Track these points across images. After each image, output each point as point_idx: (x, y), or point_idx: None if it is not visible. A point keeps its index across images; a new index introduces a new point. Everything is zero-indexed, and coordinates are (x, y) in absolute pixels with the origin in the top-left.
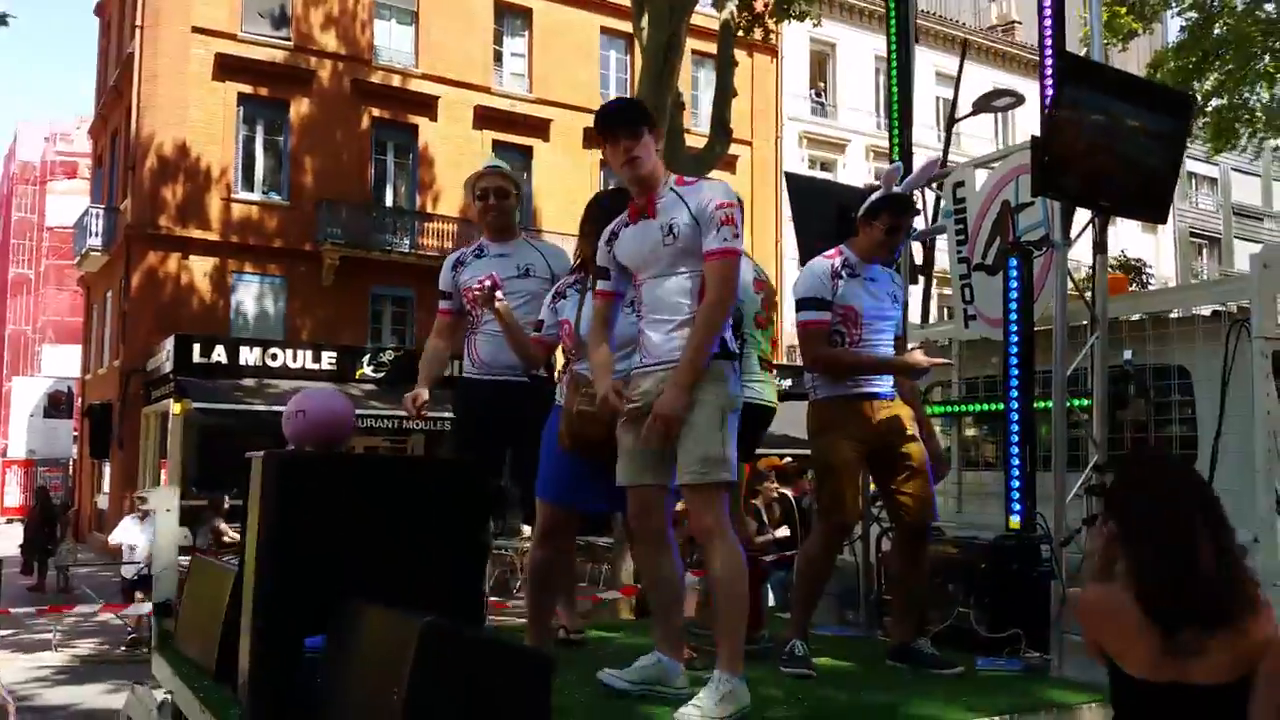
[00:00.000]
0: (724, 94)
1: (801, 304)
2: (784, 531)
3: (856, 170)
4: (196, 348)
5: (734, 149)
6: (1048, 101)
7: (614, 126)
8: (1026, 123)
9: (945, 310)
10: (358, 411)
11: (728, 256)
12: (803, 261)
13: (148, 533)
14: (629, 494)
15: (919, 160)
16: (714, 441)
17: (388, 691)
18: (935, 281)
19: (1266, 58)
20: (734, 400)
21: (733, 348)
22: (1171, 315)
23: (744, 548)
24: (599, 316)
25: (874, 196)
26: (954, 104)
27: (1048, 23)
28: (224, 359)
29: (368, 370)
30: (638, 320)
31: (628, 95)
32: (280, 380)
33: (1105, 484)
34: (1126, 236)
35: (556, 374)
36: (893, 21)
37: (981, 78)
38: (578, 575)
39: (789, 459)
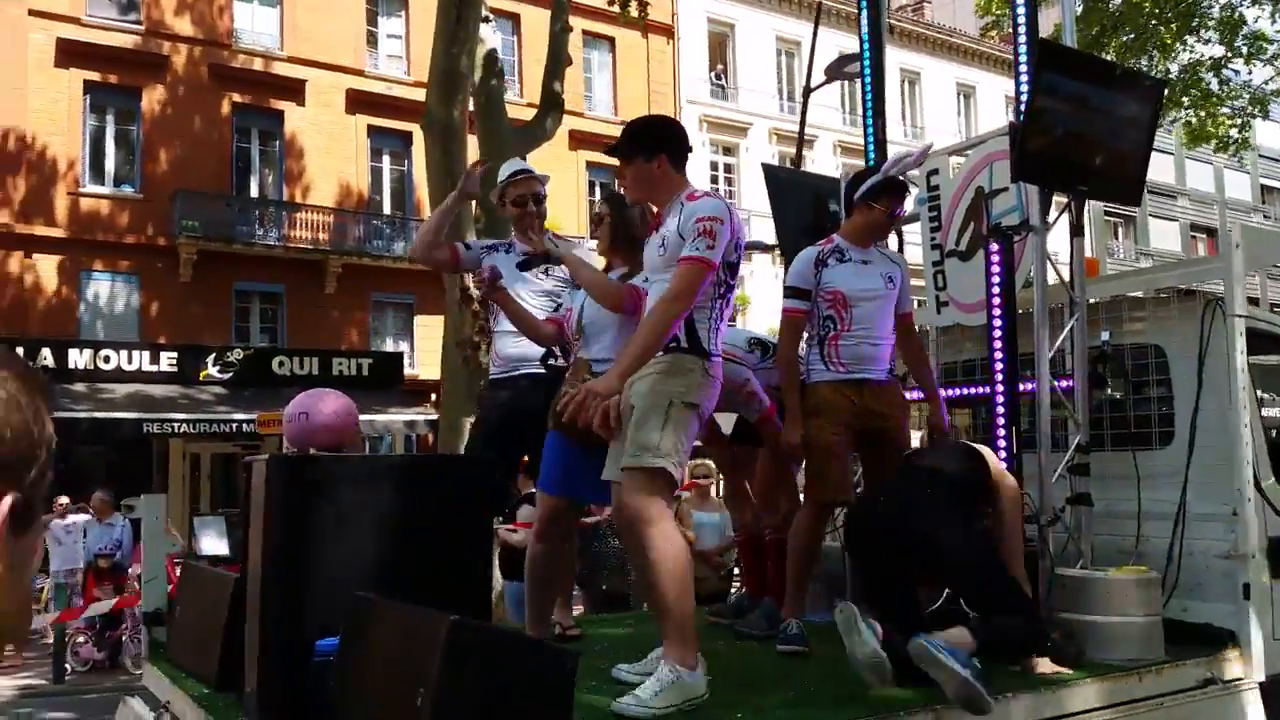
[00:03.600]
0: (555, 62)
1: (785, 291)
2: None
3: (759, 154)
4: (20, 352)
5: None
6: (1024, 89)
7: (614, 152)
8: (988, 114)
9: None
10: (202, 416)
11: (694, 263)
12: (785, 253)
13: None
14: (611, 488)
15: (891, 151)
16: (651, 428)
17: (410, 691)
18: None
19: (1162, 29)
20: (687, 393)
21: (708, 347)
22: (1147, 296)
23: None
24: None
25: (875, 179)
26: (809, 74)
27: (1020, 10)
28: (51, 362)
29: (213, 371)
30: None
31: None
32: (114, 384)
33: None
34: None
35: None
36: (864, 13)
37: (890, 58)
38: (573, 570)
39: None
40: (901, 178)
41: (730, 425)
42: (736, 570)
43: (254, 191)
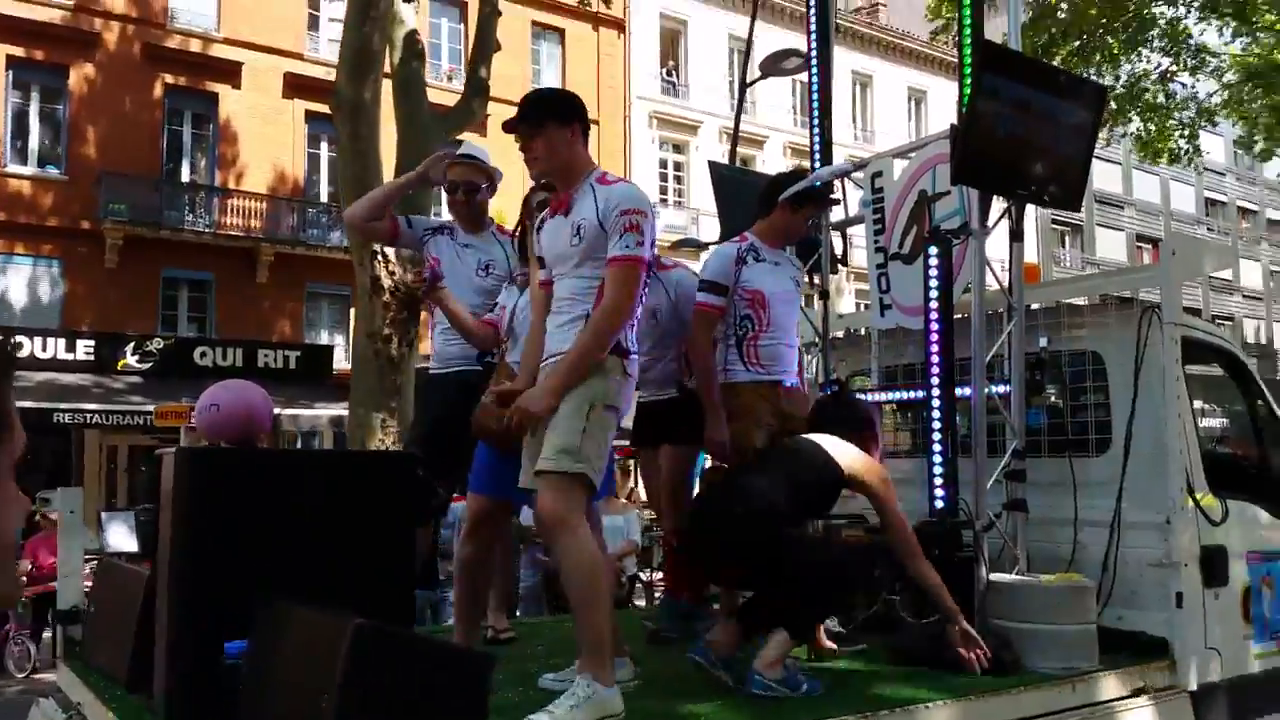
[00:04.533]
0: (483, 47)
1: (701, 285)
2: None
3: (709, 153)
4: None
5: None
6: (967, 90)
7: (514, 121)
8: (939, 119)
9: (860, 303)
10: (114, 407)
11: (628, 263)
12: None
13: None
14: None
15: (838, 156)
16: (570, 432)
17: (316, 696)
18: (851, 275)
19: (1110, 39)
20: (607, 395)
21: (626, 345)
22: (1084, 303)
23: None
24: (538, 306)
25: (804, 184)
26: (744, 68)
27: (966, 12)
28: None
29: (131, 360)
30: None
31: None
32: (27, 372)
33: (1023, 470)
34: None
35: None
36: (813, 15)
37: (842, 61)
38: (509, 572)
39: None
40: (831, 192)
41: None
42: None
43: (185, 176)
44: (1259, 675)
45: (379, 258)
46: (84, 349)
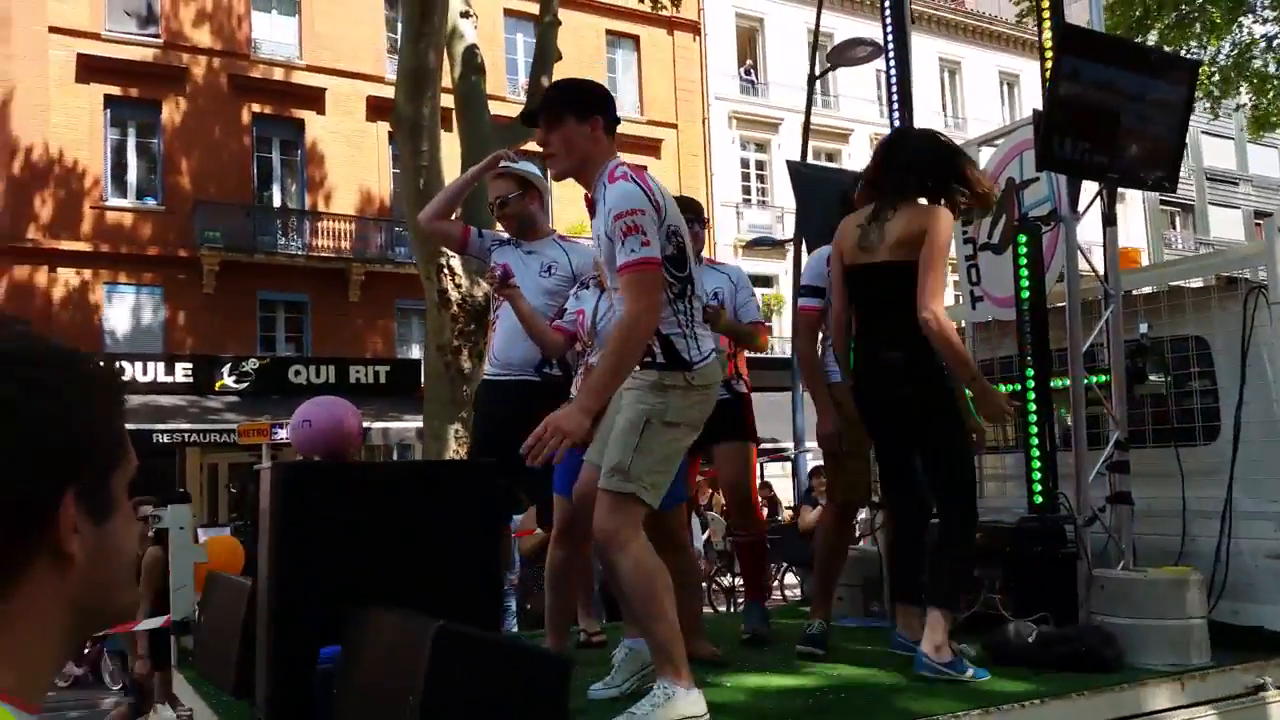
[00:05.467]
0: (544, 57)
1: (800, 290)
2: None
3: (791, 151)
4: None
5: (658, 132)
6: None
7: (531, 114)
8: (1032, 103)
9: (956, 295)
10: (211, 426)
11: (639, 268)
12: (811, 249)
13: None
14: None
15: None
16: (623, 450)
17: (402, 697)
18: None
19: (1211, 8)
20: (666, 412)
21: (689, 358)
22: (1186, 285)
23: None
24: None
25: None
26: (813, 61)
27: None
28: None
29: (229, 381)
30: None
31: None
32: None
33: (1126, 461)
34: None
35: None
36: (888, 2)
37: (928, 47)
38: (591, 576)
39: None
40: None
41: None
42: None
43: (276, 201)
44: None
45: (445, 271)
46: (183, 371)
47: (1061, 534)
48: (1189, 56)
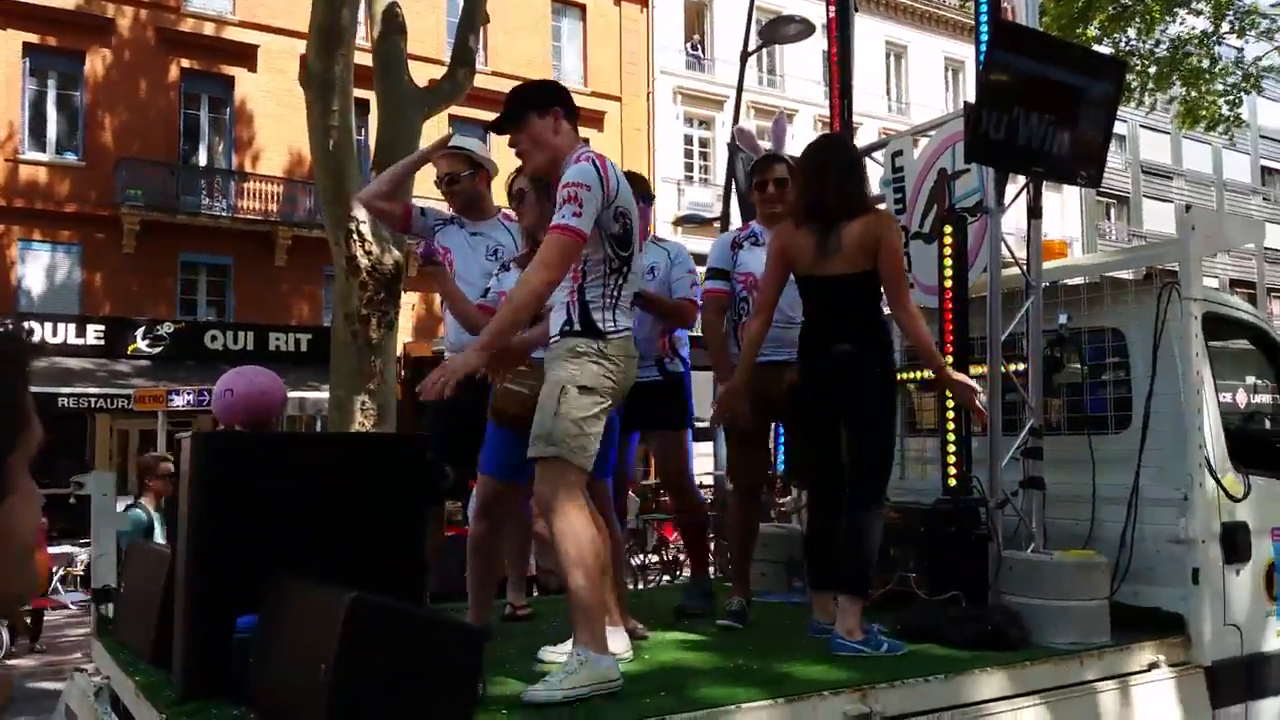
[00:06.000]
0: (469, 18)
1: (707, 273)
2: None
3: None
4: None
5: (601, 105)
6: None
7: (498, 122)
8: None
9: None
10: (124, 391)
11: (556, 232)
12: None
13: None
14: None
15: (871, 130)
16: (544, 417)
17: (316, 666)
18: None
19: (1149, 1)
20: (580, 378)
21: (603, 328)
22: (1105, 278)
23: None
24: None
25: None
26: (746, 36)
27: None
28: None
29: (142, 345)
30: None
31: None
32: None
33: (1039, 448)
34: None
35: None
36: None
37: (875, 30)
38: (525, 552)
39: None
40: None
41: None
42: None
43: (202, 160)
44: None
45: (354, 237)
46: (94, 333)
47: (975, 516)
48: (1122, 50)
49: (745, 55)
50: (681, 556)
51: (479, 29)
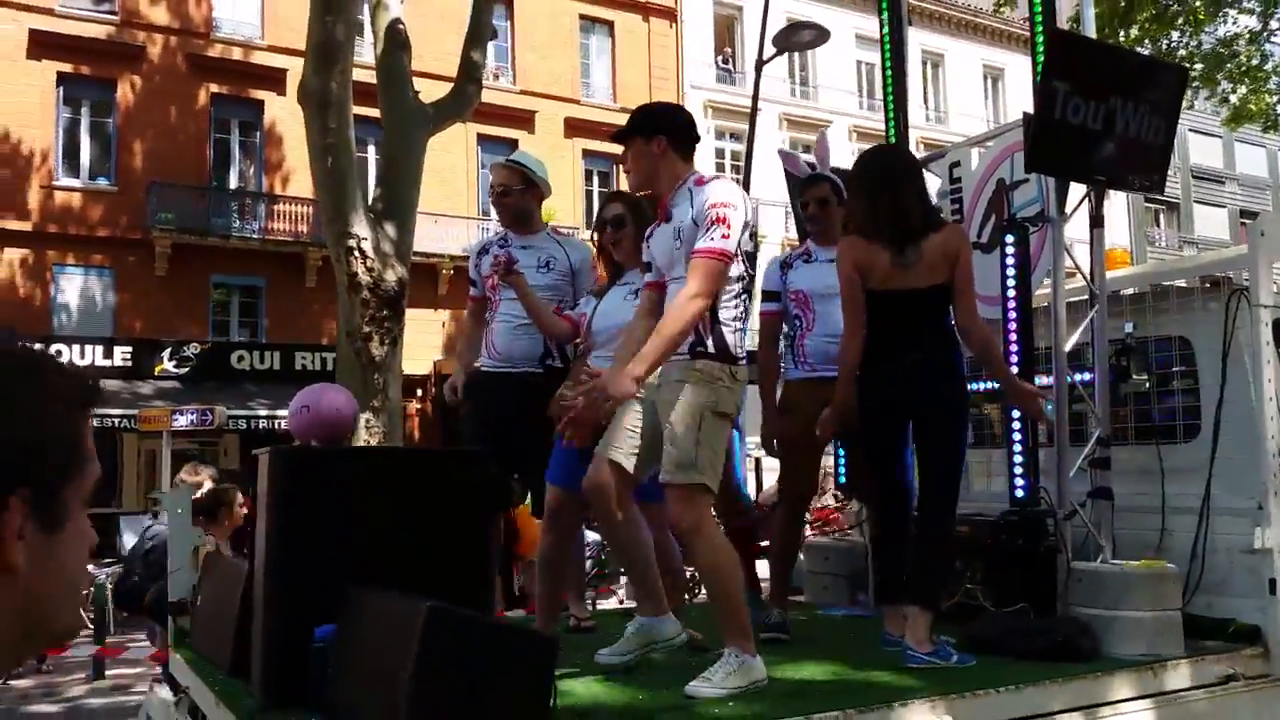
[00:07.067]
0: (476, 32)
1: (761, 296)
2: None
3: (769, 141)
4: None
5: None
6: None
7: (617, 137)
8: (1018, 98)
9: None
10: (138, 411)
11: (709, 256)
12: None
13: None
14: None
15: (910, 140)
16: (686, 443)
17: (394, 673)
18: None
19: (1195, 1)
20: (717, 403)
21: (736, 353)
22: (1171, 286)
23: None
24: (642, 307)
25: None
26: (760, 45)
27: None
28: None
29: (169, 366)
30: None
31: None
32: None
33: (1107, 458)
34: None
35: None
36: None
37: (910, 39)
38: (583, 563)
39: None
40: (817, 167)
41: None
42: None
43: (233, 183)
44: None
45: (355, 254)
46: (121, 355)
47: (1043, 527)
48: (1165, 52)
49: (761, 64)
50: None
51: (484, 43)
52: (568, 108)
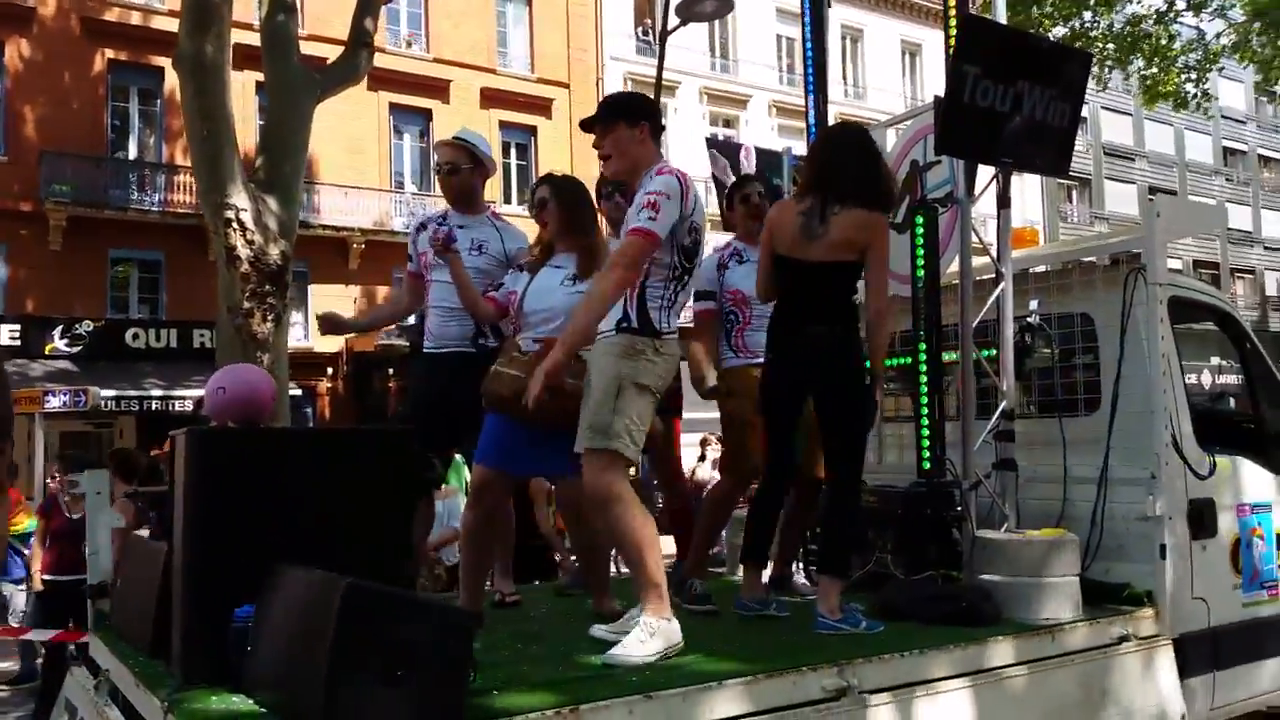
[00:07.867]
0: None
1: (695, 294)
2: None
3: (690, 117)
4: None
5: (549, 91)
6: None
7: (590, 120)
8: (935, 74)
9: None
10: (47, 389)
11: (634, 235)
12: (726, 224)
13: None
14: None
15: (832, 113)
16: (603, 410)
17: (313, 650)
18: None
19: None
20: (636, 374)
21: (660, 327)
22: (1074, 264)
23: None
24: None
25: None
26: (665, 16)
27: None
28: None
29: (60, 345)
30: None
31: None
32: None
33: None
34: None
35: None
36: None
37: (830, 13)
38: (510, 540)
39: None
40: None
41: None
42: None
43: (132, 153)
44: (1245, 623)
45: (234, 226)
46: (9, 333)
47: (950, 498)
48: (1078, 31)
49: (664, 34)
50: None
51: (377, 10)
52: (484, 77)
